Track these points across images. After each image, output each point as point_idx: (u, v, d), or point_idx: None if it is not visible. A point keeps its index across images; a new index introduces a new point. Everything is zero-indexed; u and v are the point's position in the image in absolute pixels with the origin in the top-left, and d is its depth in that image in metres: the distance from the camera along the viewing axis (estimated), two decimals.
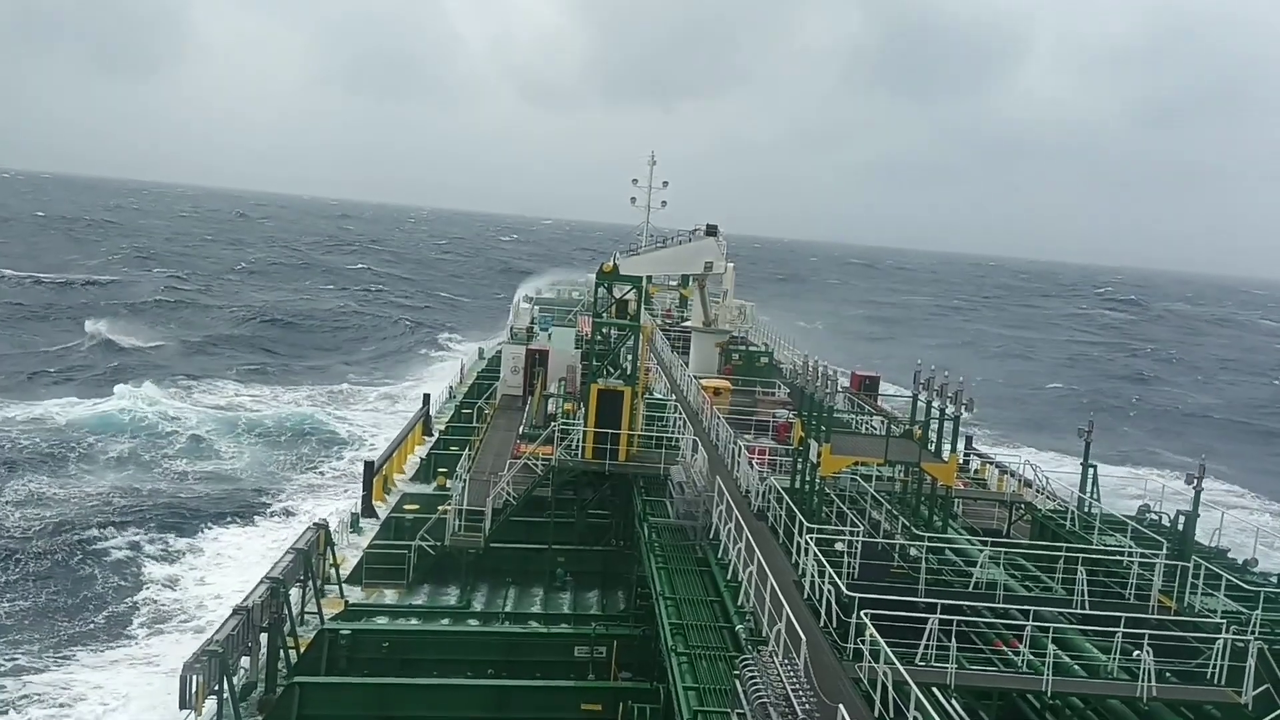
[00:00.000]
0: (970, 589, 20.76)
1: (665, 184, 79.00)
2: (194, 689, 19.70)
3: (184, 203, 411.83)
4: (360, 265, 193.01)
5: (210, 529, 43.36)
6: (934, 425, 25.97)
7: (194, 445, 57.77)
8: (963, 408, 25.29)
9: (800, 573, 21.38)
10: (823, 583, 19.48)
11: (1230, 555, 27.12)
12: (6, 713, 27.87)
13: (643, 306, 36.08)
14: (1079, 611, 20.05)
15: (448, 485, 36.52)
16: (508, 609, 30.66)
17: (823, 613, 19.23)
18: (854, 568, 20.46)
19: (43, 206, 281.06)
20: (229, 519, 44.83)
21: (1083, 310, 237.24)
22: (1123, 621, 18.03)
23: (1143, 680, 16.91)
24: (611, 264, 36.93)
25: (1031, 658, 18.08)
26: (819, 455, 23.98)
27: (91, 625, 34.61)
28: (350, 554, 32.75)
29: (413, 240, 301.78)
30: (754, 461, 29.73)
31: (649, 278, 56.25)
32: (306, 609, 27.48)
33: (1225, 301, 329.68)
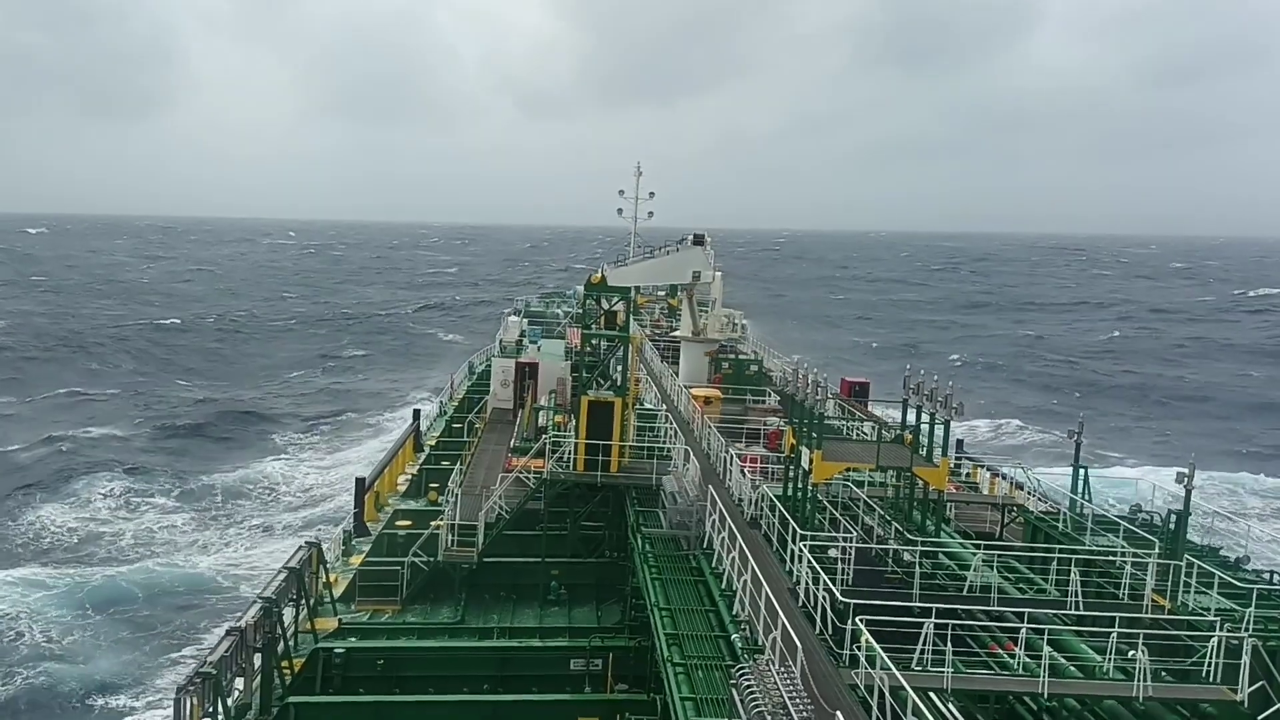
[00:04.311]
0: (965, 592, 20.82)
1: (652, 194, 79.35)
2: (188, 711, 19.56)
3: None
4: None
5: None
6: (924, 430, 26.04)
7: None
8: (953, 411, 25.35)
9: (795, 580, 21.38)
10: (817, 590, 19.49)
11: (1223, 553, 27.26)
12: None
13: (631, 317, 36.11)
14: (1073, 613, 20.11)
15: (440, 501, 36.38)
16: (502, 623, 30.52)
17: (818, 620, 19.23)
18: (848, 574, 20.49)
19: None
20: None
21: None
22: (1117, 622, 18.07)
23: (1138, 680, 16.94)
24: (600, 275, 36.98)
25: (1027, 660, 18.12)
26: (811, 462, 24.01)
27: None
28: (343, 572, 32.61)
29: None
30: (746, 470, 29.74)
31: (637, 288, 56.36)
32: (300, 628, 27.32)
33: None
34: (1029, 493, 31.96)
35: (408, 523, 36.26)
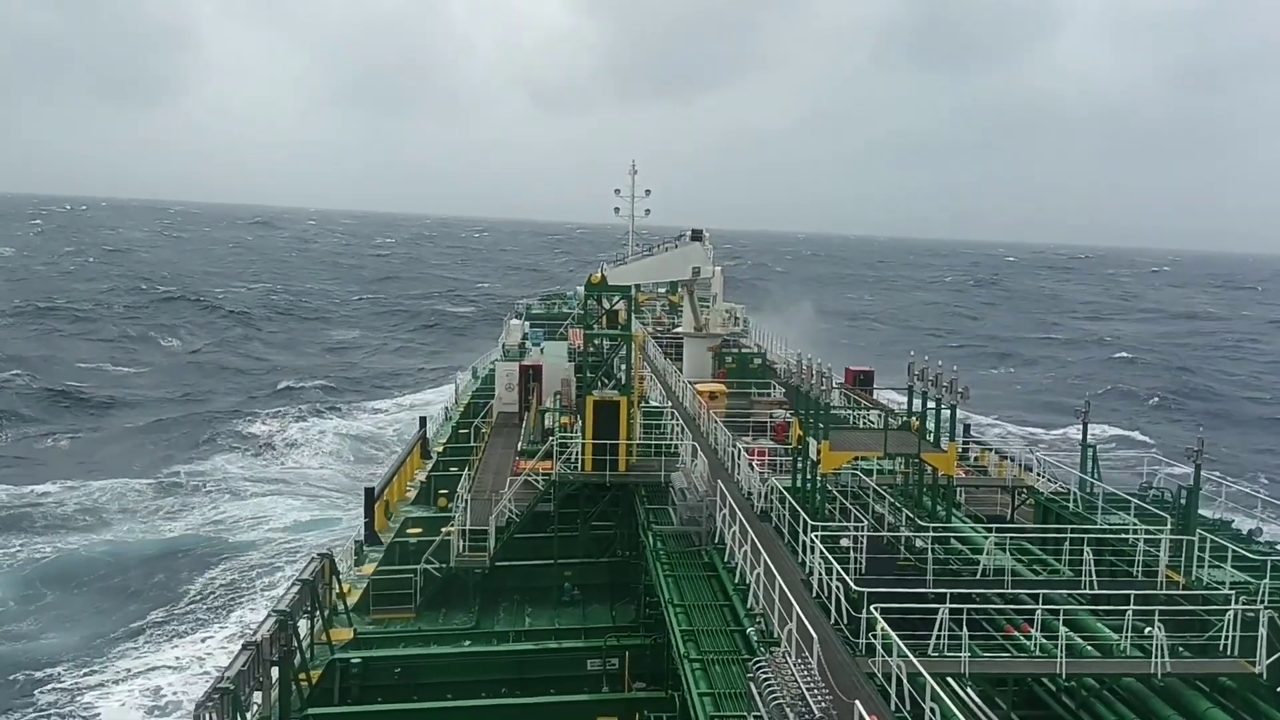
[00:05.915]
0: (978, 576, 20.80)
1: (648, 192, 79.25)
2: None
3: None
4: None
5: None
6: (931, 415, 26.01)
7: None
8: (958, 396, 25.33)
9: (808, 571, 21.37)
10: (831, 580, 19.48)
11: (1234, 526, 27.20)
12: None
13: (633, 315, 36.09)
14: (1088, 592, 20.09)
15: (449, 507, 36.38)
16: (517, 627, 30.55)
17: (832, 610, 19.23)
18: (861, 563, 20.48)
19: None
20: None
21: None
22: (1132, 599, 18.05)
23: (1156, 656, 16.93)
24: (600, 275, 36.99)
25: (1044, 641, 18.10)
26: (819, 452, 24.00)
27: None
28: (356, 582, 32.62)
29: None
30: (754, 463, 29.73)
31: (638, 286, 56.34)
32: (316, 640, 27.34)
33: None
34: (1038, 474, 31.93)
35: (418, 530, 36.28)
